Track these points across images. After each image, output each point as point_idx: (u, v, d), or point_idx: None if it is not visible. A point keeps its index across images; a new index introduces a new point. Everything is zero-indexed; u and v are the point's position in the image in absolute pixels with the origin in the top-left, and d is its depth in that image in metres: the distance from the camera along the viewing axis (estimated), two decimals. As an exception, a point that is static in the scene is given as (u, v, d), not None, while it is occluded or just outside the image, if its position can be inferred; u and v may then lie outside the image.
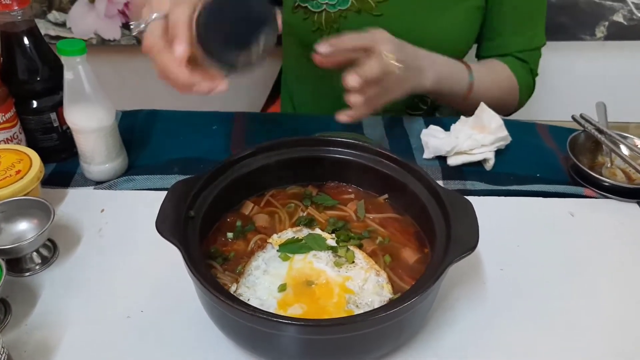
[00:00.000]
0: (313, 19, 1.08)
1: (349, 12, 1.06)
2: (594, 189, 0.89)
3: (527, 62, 1.13)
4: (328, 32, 1.08)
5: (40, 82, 0.86)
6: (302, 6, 1.08)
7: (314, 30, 1.09)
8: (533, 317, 0.70)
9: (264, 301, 0.63)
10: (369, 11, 1.06)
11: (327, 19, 1.08)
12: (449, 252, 0.62)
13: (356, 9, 1.06)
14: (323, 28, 1.08)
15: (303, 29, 1.11)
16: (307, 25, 1.09)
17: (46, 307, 0.70)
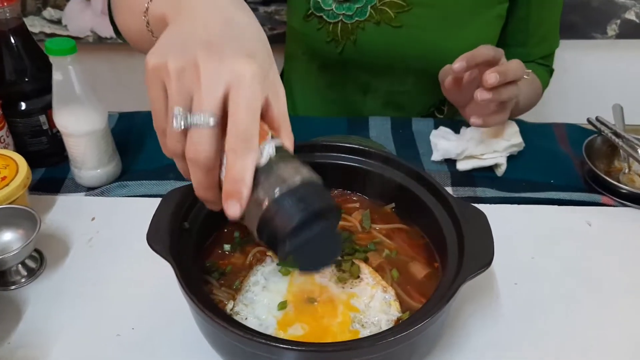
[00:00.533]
0: (328, 29, 1.03)
1: (367, 23, 1.02)
2: (612, 197, 0.85)
3: (548, 65, 1.14)
4: (344, 43, 1.04)
5: (28, 83, 0.82)
6: (316, 15, 1.04)
7: (329, 41, 1.04)
8: (550, 335, 0.66)
9: (262, 321, 0.59)
10: (388, 22, 1.01)
11: (343, 30, 1.03)
12: (462, 268, 0.57)
13: (375, 20, 1.01)
14: (338, 39, 1.04)
15: (316, 39, 1.06)
16: (320, 36, 1.05)
17: (31, 324, 0.65)
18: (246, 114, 0.47)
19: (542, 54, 1.12)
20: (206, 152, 0.47)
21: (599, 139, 0.91)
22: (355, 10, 1.01)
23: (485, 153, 0.89)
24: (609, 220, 0.82)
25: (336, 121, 1.02)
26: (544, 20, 1.07)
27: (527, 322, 0.67)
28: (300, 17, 1.06)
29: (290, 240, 0.47)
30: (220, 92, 0.47)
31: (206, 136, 0.47)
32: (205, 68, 0.47)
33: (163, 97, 0.50)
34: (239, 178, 0.47)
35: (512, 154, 0.91)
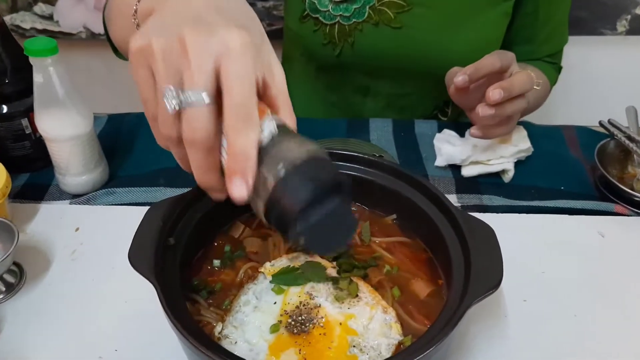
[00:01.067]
0: (325, 31, 0.99)
1: (366, 24, 0.97)
2: (626, 205, 0.80)
3: (556, 62, 1.09)
4: (342, 46, 0.99)
5: (9, 84, 0.78)
6: (312, 16, 0.99)
7: (325, 43, 1.00)
8: (561, 355, 0.62)
9: (253, 345, 0.55)
10: (387, 23, 0.96)
11: (340, 31, 0.98)
12: (469, 291, 0.53)
13: (374, 21, 0.96)
14: (335, 41, 0.99)
15: (312, 41, 1.01)
16: (317, 38, 1.00)
17: (8, 346, 0.61)
18: (241, 86, 0.43)
19: (550, 52, 1.08)
20: (204, 131, 0.43)
21: (612, 143, 0.86)
22: (353, 11, 0.96)
23: (491, 159, 0.85)
24: (623, 231, 0.77)
25: (335, 123, 0.98)
26: (553, 15, 1.03)
27: (536, 343, 0.63)
28: (296, 17, 1.01)
29: (300, 221, 0.44)
30: (210, 65, 0.43)
31: (202, 113, 0.43)
32: (193, 41, 0.43)
33: (150, 80, 0.46)
34: (242, 154, 0.43)
35: (520, 159, 0.86)
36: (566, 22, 1.07)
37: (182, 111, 0.44)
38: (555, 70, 1.11)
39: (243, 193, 0.44)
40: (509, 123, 0.80)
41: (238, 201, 0.44)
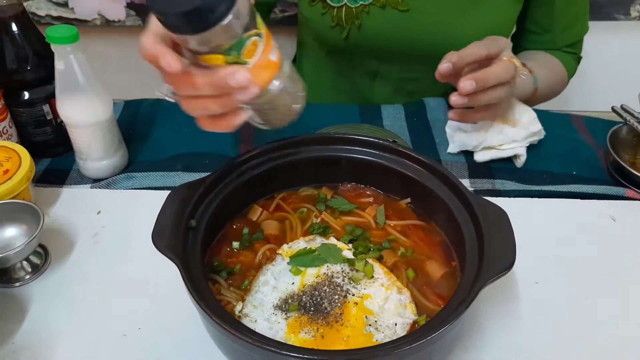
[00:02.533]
0: (332, 13, 0.99)
1: (372, 6, 0.97)
2: (637, 190, 0.81)
3: (575, 52, 1.08)
4: (349, 29, 1.00)
5: (30, 71, 0.79)
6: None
7: (333, 26, 1.00)
8: (572, 337, 0.63)
9: (272, 324, 0.57)
10: (394, 6, 0.96)
11: (347, 14, 0.98)
12: (482, 271, 0.55)
13: (380, 3, 0.97)
14: (343, 24, 0.99)
15: (321, 24, 1.02)
16: (325, 20, 1.01)
17: (35, 324, 0.64)
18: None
19: (569, 41, 1.06)
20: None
21: (624, 128, 0.87)
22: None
23: (503, 143, 0.86)
24: (635, 215, 0.78)
25: (348, 109, 0.99)
26: (572, 4, 1.01)
27: (548, 324, 0.64)
28: (306, 1, 1.02)
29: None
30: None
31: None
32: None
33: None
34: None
35: (532, 143, 0.87)
36: (586, 11, 1.05)
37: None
38: (575, 61, 1.09)
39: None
40: (488, 110, 0.80)
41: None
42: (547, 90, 1.01)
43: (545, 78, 0.97)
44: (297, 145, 0.70)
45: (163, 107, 0.97)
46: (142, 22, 1.56)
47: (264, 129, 0.65)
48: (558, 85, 1.07)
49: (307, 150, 0.70)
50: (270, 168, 0.69)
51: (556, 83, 1.06)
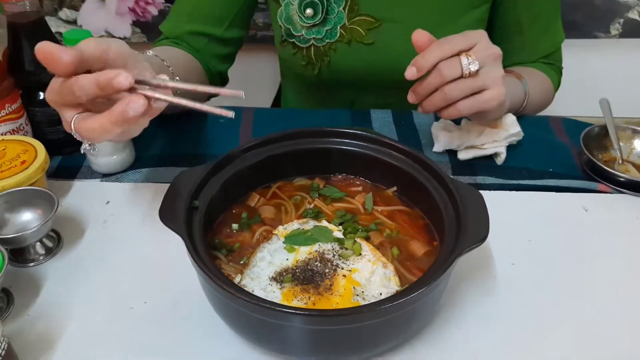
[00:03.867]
0: (302, 53, 1.06)
1: (339, 43, 1.03)
2: (609, 184, 0.87)
3: (553, 63, 1.11)
4: (319, 66, 1.06)
5: (47, 73, 0.83)
6: (289, 41, 1.06)
7: (304, 64, 1.07)
8: (544, 313, 0.68)
9: (268, 292, 0.62)
10: (359, 40, 1.02)
11: (316, 52, 1.05)
12: (459, 243, 0.60)
13: (346, 40, 1.02)
14: (313, 62, 1.06)
15: (293, 63, 1.09)
16: (296, 59, 1.08)
17: (49, 298, 0.69)
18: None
19: (545, 52, 1.09)
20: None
21: (596, 129, 0.93)
22: (324, 33, 1.03)
23: (485, 143, 0.92)
24: (605, 206, 0.84)
25: (339, 114, 1.05)
26: (540, 13, 1.04)
27: (522, 300, 0.70)
28: (277, 42, 1.09)
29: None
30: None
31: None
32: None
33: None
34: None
35: (512, 143, 0.93)
36: (557, 18, 1.07)
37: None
38: (556, 72, 1.12)
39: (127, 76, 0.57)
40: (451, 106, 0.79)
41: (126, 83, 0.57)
42: (537, 97, 1.03)
43: (533, 85, 1.01)
44: (292, 138, 0.76)
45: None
46: (146, 39, 1.64)
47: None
48: (546, 92, 1.09)
49: (301, 143, 0.77)
50: (267, 158, 0.75)
51: (544, 90, 1.08)
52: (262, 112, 1.06)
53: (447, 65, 0.76)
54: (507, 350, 0.64)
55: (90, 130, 0.60)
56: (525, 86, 0.99)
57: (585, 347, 0.64)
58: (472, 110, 0.79)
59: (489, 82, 0.78)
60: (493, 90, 0.79)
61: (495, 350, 0.64)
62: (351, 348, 0.59)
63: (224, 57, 1.09)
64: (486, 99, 0.79)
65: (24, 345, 0.63)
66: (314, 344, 0.59)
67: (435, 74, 0.77)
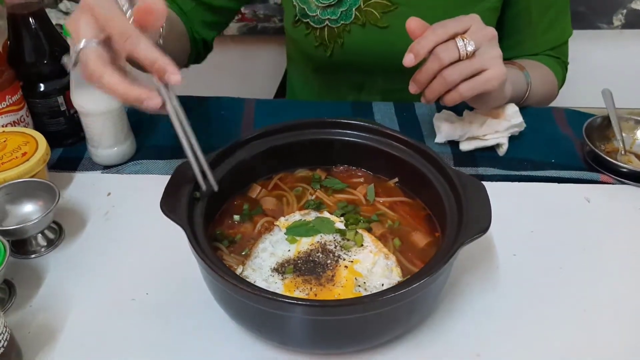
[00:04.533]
0: (315, 34, 1.05)
1: (353, 25, 1.03)
2: (611, 175, 0.87)
3: (558, 57, 1.10)
4: (332, 47, 1.05)
5: (47, 64, 0.86)
6: (302, 21, 1.06)
7: (317, 45, 1.06)
8: (546, 304, 0.68)
9: (270, 283, 0.62)
10: (374, 23, 1.02)
11: (329, 34, 1.04)
12: (461, 233, 0.60)
13: (360, 22, 1.02)
14: (326, 43, 1.05)
15: (305, 44, 1.08)
16: (309, 40, 1.07)
17: (51, 289, 0.69)
18: (111, 15, 0.61)
19: (552, 45, 1.08)
20: (92, 61, 0.60)
21: (599, 119, 0.93)
22: (339, 14, 1.02)
23: (487, 134, 0.92)
24: (607, 197, 0.84)
25: (341, 105, 1.05)
26: (551, 4, 1.03)
27: (524, 291, 0.70)
28: (290, 22, 1.08)
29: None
30: (80, 19, 0.61)
31: (88, 52, 0.60)
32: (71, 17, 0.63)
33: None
34: (150, 55, 0.61)
35: (514, 134, 0.93)
36: (567, 12, 1.07)
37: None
38: (561, 67, 1.10)
39: (177, 78, 0.61)
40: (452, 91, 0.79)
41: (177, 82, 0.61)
42: (540, 89, 1.02)
43: (535, 77, 1.00)
44: (293, 130, 0.76)
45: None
46: (147, 31, 1.63)
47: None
48: (549, 86, 1.08)
49: (302, 134, 0.76)
50: (269, 149, 0.75)
51: (547, 83, 1.07)
52: (264, 103, 1.05)
53: (443, 48, 0.76)
54: (509, 341, 0.64)
55: (97, 75, 0.60)
56: (527, 77, 0.99)
57: (587, 338, 0.64)
58: (473, 91, 0.79)
59: (487, 62, 0.78)
60: (493, 70, 0.79)
61: (497, 340, 0.64)
62: (353, 339, 0.59)
63: (209, 24, 1.08)
64: (487, 78, 0.79)
65: (26, 337, 0.63)
66: (315, 334, 0.59)
67: (432, 59, 0.77)
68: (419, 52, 0.77)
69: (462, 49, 0.76)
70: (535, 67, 1.05)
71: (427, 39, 0.77)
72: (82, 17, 0.62)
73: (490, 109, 0.91)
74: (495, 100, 0.86)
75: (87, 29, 0.61)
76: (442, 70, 0.77)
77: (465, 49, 0.76)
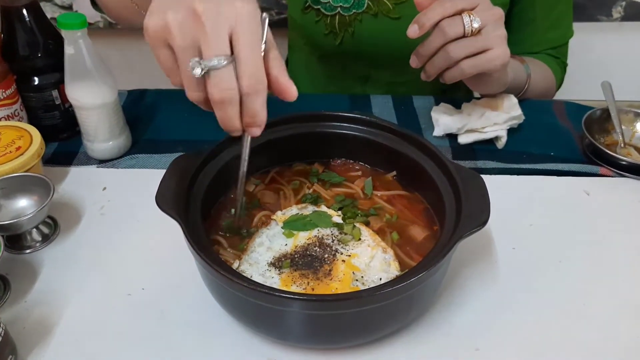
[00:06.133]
0: (326, 21, 1.04)
1: (365, 14, 1.02)
2: (610, 168, 0.86)
3: (558, 57, 1.10)
4: (342, 35, 1.04)
5: (41, 58, 0.85)
6: (313, 7, 1.04)
7: (327, 33, 1.05)
8: (545, 297, 0.68)
9: (266, 278, 0.62)
10: (386, 14, 1.01)
11: (340, 22, 1.03)
12: (459, 227, 0.59)
13: (373, 11, 1.01)
14: (337, 31, 1.04)
15: (314, 31, 1.07)
16: (319, 28, 1.05)
17: (46, 284, 0.68)
18: (252, 53, 0.52)
19: (553, 44, 1.08)
20: (229, 90, 0.53)
21: (598, 112, 0.92)
22: (352, 3, 1.01)
23: (485, 126, 0.91)
24: (607, 190, 0.83)
25: (339, 99, 1.04)
26: (555, 4, 1.03)
27: (523, 285, 0.69)
28: (298, 8, 1.06)
29: None
30: (225, 31, 0.52)
31: (225, 75, 0.52)
32: (206, 13, 0.51)
33: (171, 55, 0.53)
34: (256, 114, 0.57)
35: (513, 126, 0.92)
36: (570, 13, 1.07)
37: (207, 76, 0.53)
38: (560, 67, 1.10)
39: (258, 134, 0.58)
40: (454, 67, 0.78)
41: (255, 136, 0.58)
42: (538, 84, 1.02)
43: (535, 71, 1.00)
44: (290, 122, 0.75)
45: (165, 95, 1.03)
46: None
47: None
48: (548, 82, 1.08)
49: (299, 127, 0.76)
50: (265, 143, 0.74)
51: (545, 79, 1.07)
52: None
53: (449, 22, 0.75)
54: (508, 335, 0.63)
55: (227, 100, 0.56)
56: (527, 69, 0.98)
57: (586, 331, 0.64)
58: (475, 69, 0.78)
59: (492, 41, 0.77)
60: (497, 49, 0.77)
61: (496, 334, 0.63)
62: (350, 333, 0.59)
63: None
64: (490, 57, 0.77)
65: (21, 332, 0.62)
66: (312, 329, 0.58)
67: (437, 33, 0.76)
68: (424, 24, 0.76)
69: (467, 25, 0.75)
70: (535, 63, 1.05)
71: (433, 11, 0.75)
72: (218, 24, 0.52)
73: (487, 92, 0.89)
74: (495, 82, 0.85)
75: (222, 43, 0.53)
76: (446, 45, 0.76)
77: (471, 26, 0.75)
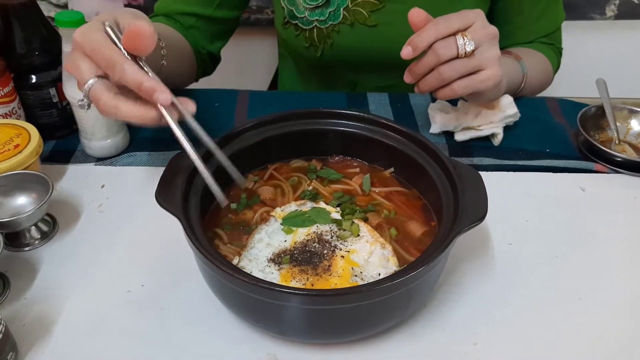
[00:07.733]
0: (305, 35, 1.05)
1: (342, 25, 1.02)
2: (605, 164, 0.87)
3: (552, 43, 1.10)
4: (322, 47, 1.05)
5: (38, 56, 0.85)
6: (292, 23, 1.05)
7: (307, 46, 1.06)
8: (542, 292, 0.68)
9: (266, 274, 0.62)
10: (362, 22, 1.01)
11: (319, 34, 1.04)
12: (457, 222, 0.60)
13: (349, 22, 1.02)
14: (316, 44, 1.05)
15: (296, 44, 1.08)
16: (299, 41, 1.06)
17: (45, 282, 0.68)
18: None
19: (545, 32, 1.08)
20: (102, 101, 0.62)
21: (593, 109, 0.93)
22: (328, 15, 1.02)
23: (482, 124, 0.91)
24: (602, 186, 0.84)
25: (336, 96, 1.05)
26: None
27: (520, 281, 0.70)
28: (279, 23, 1.08)
29: None
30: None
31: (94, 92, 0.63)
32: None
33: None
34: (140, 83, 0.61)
35: (508, 124, 0.93)
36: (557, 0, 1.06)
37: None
38: (555, 53, 1.10)
39: (168, 98, 0.62)
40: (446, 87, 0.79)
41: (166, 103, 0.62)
42: (535, 78, 1.02)
43: (531, 66, 1.00)
44: (288, 119, 0.76)
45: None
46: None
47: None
48: (545, 74, 1.08)
49: (297, 124, 0.76)
50: (264, 140, 0.74)
51: (542, 71, 1.07)
52: (258, 94, 1.05)
53: (442, 45, 0.75)
54: (505, 330, 0.64)
55: (112, 110, 0.63)
56: (523, 68, 0.99)
57: (583, 326, 0.65)
58: (467, 90, 0.79)
59: (485, 62, 0.78)
60: (489, 70, 0.78)
61: (493, 329, 0.64)
62: (350, 328, 0.59)
63: (213, 36, 1.08)
64: (482, 79, 0.79)
65: (21, 329, 0.62)
66: (312, 324, 0.59)
67: (430, 54, 0.76)
68: (418, 46, 0.76)
69: (461, 48, 0.76)
70: (530, 56, 1.05)
71: (427, 33, 0.75)
72: (76, 57, 0.64)
73: (481, 102, 0.90)
74: (489, 97, 0.86)
75: (84, 68, 0.63)
76: (439, 66, 0.77)
77: (465, 48, 0.76)
